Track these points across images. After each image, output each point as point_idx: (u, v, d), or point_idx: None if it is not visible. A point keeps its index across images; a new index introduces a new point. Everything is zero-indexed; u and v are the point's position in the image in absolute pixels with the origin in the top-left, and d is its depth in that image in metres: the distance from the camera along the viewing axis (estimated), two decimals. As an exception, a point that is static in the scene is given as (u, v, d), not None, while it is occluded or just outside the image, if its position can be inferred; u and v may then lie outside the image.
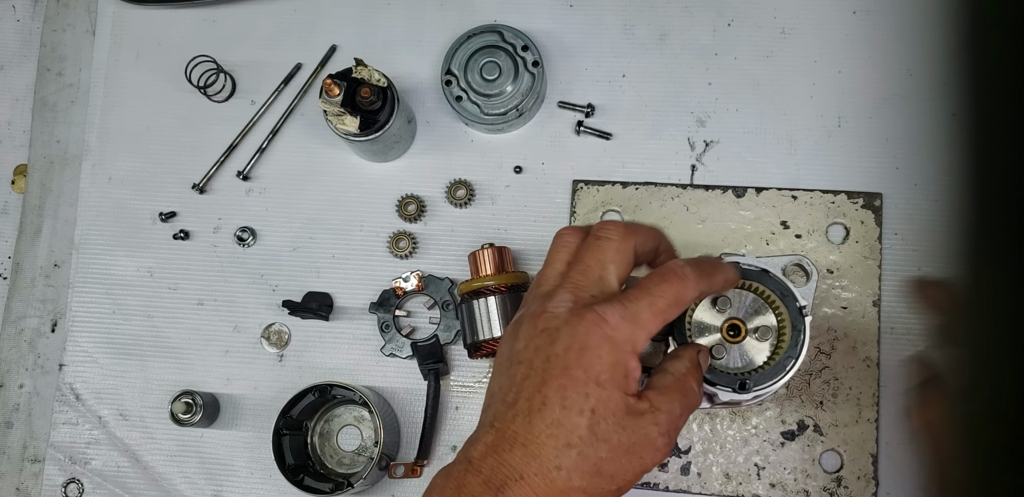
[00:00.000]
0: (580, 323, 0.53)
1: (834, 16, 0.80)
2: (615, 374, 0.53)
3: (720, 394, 0.62)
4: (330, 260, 0.81)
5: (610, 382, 0.53)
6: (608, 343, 0.53)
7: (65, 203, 0.84)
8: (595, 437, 0.52)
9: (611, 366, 0.53)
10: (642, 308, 0.54)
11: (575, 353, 0.53)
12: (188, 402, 0.76)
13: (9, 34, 0.89)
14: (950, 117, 0.43)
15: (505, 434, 0.53)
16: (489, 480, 0.52)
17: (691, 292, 0.56)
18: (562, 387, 0.52)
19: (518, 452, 0.52)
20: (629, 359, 0.54)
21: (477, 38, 0.79)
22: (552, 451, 0.51)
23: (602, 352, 0.53)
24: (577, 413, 0.52)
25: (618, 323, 0.53)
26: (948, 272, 0.82)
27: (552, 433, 0.52)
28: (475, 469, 0.52)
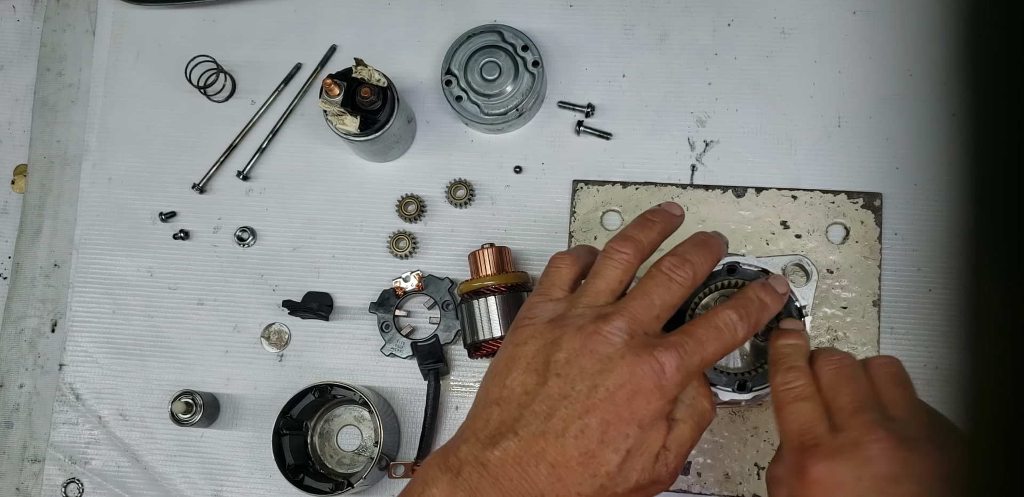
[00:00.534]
0: (638, 364, 0.53)
1: (834, 16, 0.80)
2: (656, 421, 0.54)
3: (720, 394, 0.62)
4: (330, 260, 0.81)
5: (651, 427, 0.53)
6: (660, 392, 0.53)
7: (65, 203, 0.84)
8: (621, 474, 0.53)
9: (656, 413, 0.53)
10: (695, 362, 0.54)
11: (626, 393, 0.52)
12: (188, 402, 0.76)
13: (9, 34, 0.89)
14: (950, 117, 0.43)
15: (532, 448, 0.52)
16: (506, 491, 0.52)
17: (739, 344, 0.57)
18: (605, 423, 0.52)
19: (544, 471, 0.52)
20: (670, 405, 0.55)
21: (477, 38, 0.79)
22: (578, 477, 0.52)
23: (652, 399, 0.53)
24: (612, 451, 0.52)
25: (673, 374, 0.53)
26: (948, 272, 0.82)
27: (584, 462, 0.52)
28: (492, 476, 0.52)
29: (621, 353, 0.53)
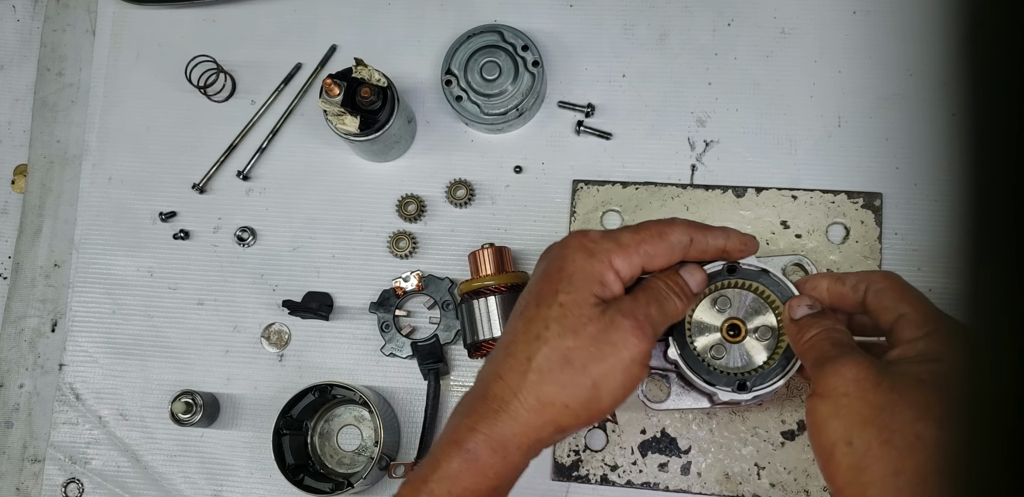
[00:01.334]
0: (564, 241, 0.58)
1: (834, 16, 0.80)
2: (588, 277, 0.55)
3: (720, 394, 0.62)
4: (330, 260, 0.81)
5: (582, 282, 0.55)
6: (584, 251, 0.56)
7: (65, 203, 0.84)
8: (562, 327, 0.54)
9: (584, 269, 0.56)
10: (624, 233, 0.57)
11: (556, 262, 0.57)
12: (188, 402, 0.76)
13: (9, 34, 0.89)
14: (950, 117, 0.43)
15: (496, 348, 0.58)
16: (476, 388, 0.57)
17: (677, 233, 0.58)
18: (539, 291, 0.57)
19: (500, 354, 0.56)
20: (605, 270, 0.56)
21: (477, 38, 0.79)
22: (523, 346, 0.55)
23: (577, 257, 0.56)
24: (546, 306, 0.55)
25: (597, 237, 0.57)
26: (948, 272, 0.82)
27: (525, 329, 0.55)
28: (477, 380, 0.58)
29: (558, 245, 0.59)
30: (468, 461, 0.54)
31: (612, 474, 0.74)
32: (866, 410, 0.50)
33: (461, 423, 0.55)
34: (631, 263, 0.57)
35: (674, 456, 0.73)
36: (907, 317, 0.55)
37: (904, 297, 0.56)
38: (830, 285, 0.59)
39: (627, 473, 0.74)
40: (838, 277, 0.59)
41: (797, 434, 0.73)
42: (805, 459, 0.72)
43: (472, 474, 0.54)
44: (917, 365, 0.52)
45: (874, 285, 0.57)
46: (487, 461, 0.54)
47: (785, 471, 0.72)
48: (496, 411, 0.54)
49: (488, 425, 0.54)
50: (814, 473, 0.72)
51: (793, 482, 0.72)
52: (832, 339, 0.55)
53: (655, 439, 0.74)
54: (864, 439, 0.49)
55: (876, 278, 0.57)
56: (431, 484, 0.54)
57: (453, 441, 0.55)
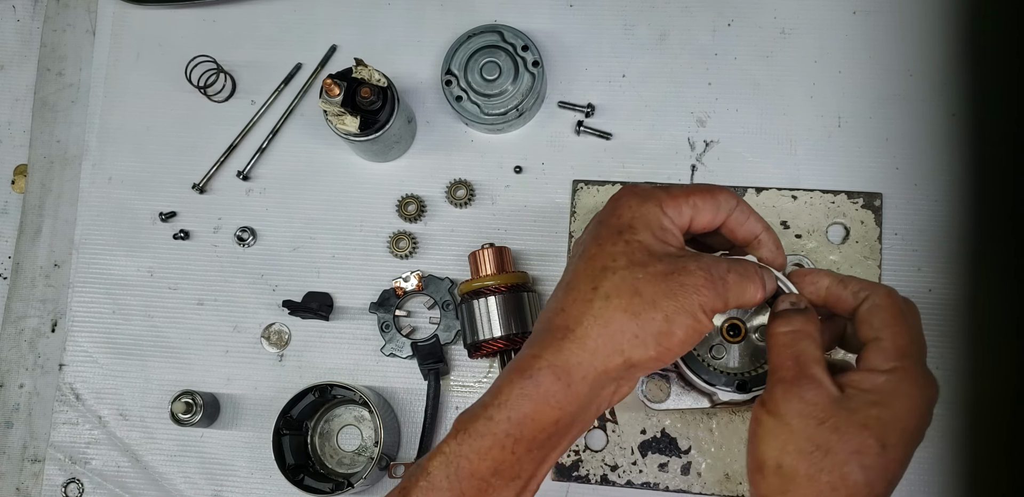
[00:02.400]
0: (617, 195, 0.57)
1: (834, 16, 0.80)
2: (646, 219, 0.55)
3: (720, 394, 0.62)
4: (330, 260, 0.81)
5: (641, 224, 0.54)
6: (637, 197, 0.55)
7: (65, 203, 0.84)
8: (630, 262, 0.53)
9: (641, 213, 0.55)
10: (674, 187, 0.57)
11: (608, 210, 0.56)
12: (188, 402, 0.76)
13: (9, 34, 0.89)
14: (950, 117, 0.43)
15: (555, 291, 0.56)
16: (537, 326, 0.55)
17: (725, 194, 0.57)
18: (597, 236, 0.55)
19: (560, 291, 0.55)
20: (659, 214, 0.55)
21: (477, 38, 0.79)
22: (587, 278, 0.53)
23: (632, 203, 0.55)
24: (610, 244, 0.54)
25: (648, 187, 0.56)
26: (948, 272, 0.82)
27: (587, 265, 0.54)
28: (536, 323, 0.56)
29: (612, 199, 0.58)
30: (530, 386, 0.51)
31: (612, 474, 0.74)
32: (804, 443, 0.51)
33: (524, 353, 0.53)
34: (681, 212, 0.56)
35: (674, 456, 0.73)
36: (882, 344, 0.53)
37: (894, 321, 0.54)
38: (831, 284, 0.58)
39: (627, 473, 0.74)
40: (841, 279, 0.57)
41: (797, 434, 0.72)
42: (805, 459, 0.72)
43: (533, 401, 0.51)
44: (866, 407, 0.51)
45: (874, 297, 0.55)
46: (549, 388, 0.51)
47: (785, 471, 0.72)
48: (560, 339, 0.52)
49: (552, 352, 0.52)
50: (814, 473, 0.72)
51: (793, 482, 0.72)
52: (797, 350, 0.54)
53: (655, 439, 0.74)
54: (793, 467, 0.51)
55: (880, 292, 0.56)
56: (490, 410, 0.52)
57: (515, 369, 0.52)
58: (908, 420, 0.51)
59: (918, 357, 0.53)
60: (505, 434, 0.51)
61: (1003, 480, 0.71)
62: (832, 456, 0.50)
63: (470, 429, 0.52)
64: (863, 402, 0.51)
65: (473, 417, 0.52)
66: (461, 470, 0.51)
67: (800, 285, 0.59)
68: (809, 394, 0.52)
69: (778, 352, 0.54)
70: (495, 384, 0.53)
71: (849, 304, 0.56)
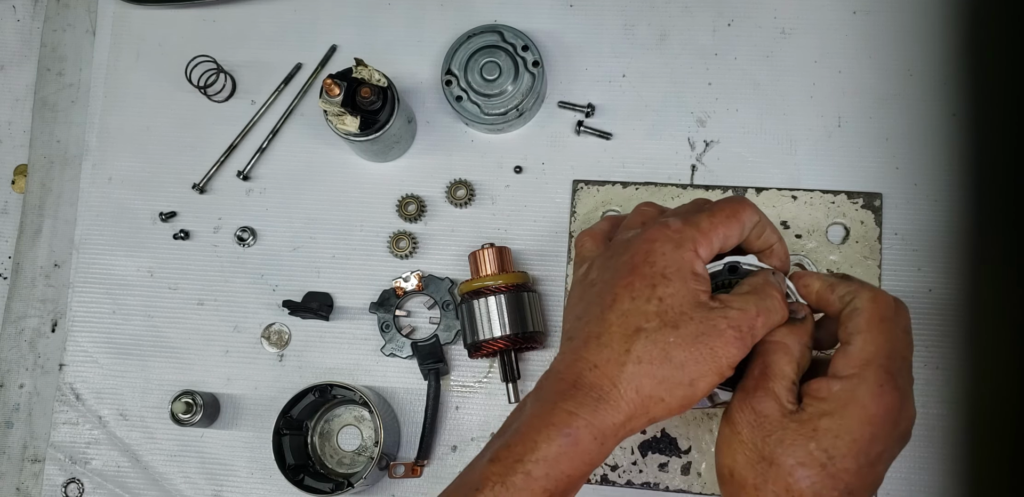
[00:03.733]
0: (644, 234, 0.57)
1: (834, 16, 0.80)
2: (681, 269, 0.55)
3: (720, 394, 0.62)
4: (330, 260, 0.81)
5: (676, 275, 0.54)
6: (671, 242, 0.55)
7: (65, 203, 0.84)
8: (663, 323, 0.53)
9: (676, 262, 0.55)
10: (702, 218, 0.56)
11: (641, 255, 0.55)
12: (188, 402, 0.76)
13: (9, 34, 0.89)
14: (950, 117, 0.43)
15: (580, 336, 0.55)
16: (564, 376, 0.54)
17: (748, 212, 0.58)
18: (630, 284, 0.55)
19: (592, 345, 0.54)
20: (694, 259, 0.55)
21: (477, 38, 0.79)
22: (621, 338, 0.53)
23: (666, 249, 0.55)
24: (644, 301, 0.54)
25: (680, 227, 0.56)
26: (948, 272, 0.82)
27: (622, 322, 0.54)
28: (554, 372, 0.56)
29: (636, 235, 0.57)
30: (569, 445, 0.52)
31: (612, 474, 0.74)
32: (751, 454, 0.53)
33: (557, 406, 0.53)
34: (711, 249, 0.56)
35: (674, 456, 0.73)
36: (848, 349, 0.54)
37: (867, 327, 0.54)
38: (820, 289, 0.58)
39: (627, 473, 0.74)
40: (831, 283, 0.57)
41: (797, 434, 0.72)
42: (805, 459, 0.72)
43: (571, 458, 0.52)
44: (815, 418, 0.52)
45: (856, 301, 0.55)
46: (587, 447, 0.52)
47: (785, 471, 0.72)
48: (596, 400, 0.53)
49: (589, 412, 0.52)
50: (814, 473, 0.72)
51: (793, 482, 0.72)
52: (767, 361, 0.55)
53: (655, 439, 0.74)
54: (743, 476, 0.53)
55: (864, 296, 0.55)
56: (528, 465, 0.52)
57: (551, 424, 0.53)
58: (859, 430, 0.51)
59: (886, 364, 0.53)
60: (542, 489, 0.52)
61: (1004, 480, 0.71)
62: (776, 468, 0.52)
63: (507, 483, 0.52)
64: (814, 412, 0.52)
65: (510, 469, 0.52)
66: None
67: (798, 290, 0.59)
68: (761, 406, 0.53)
69: (752, 360, 0.56)
70: (526, 432, 0.53)
71: (836, 308, 0.57)
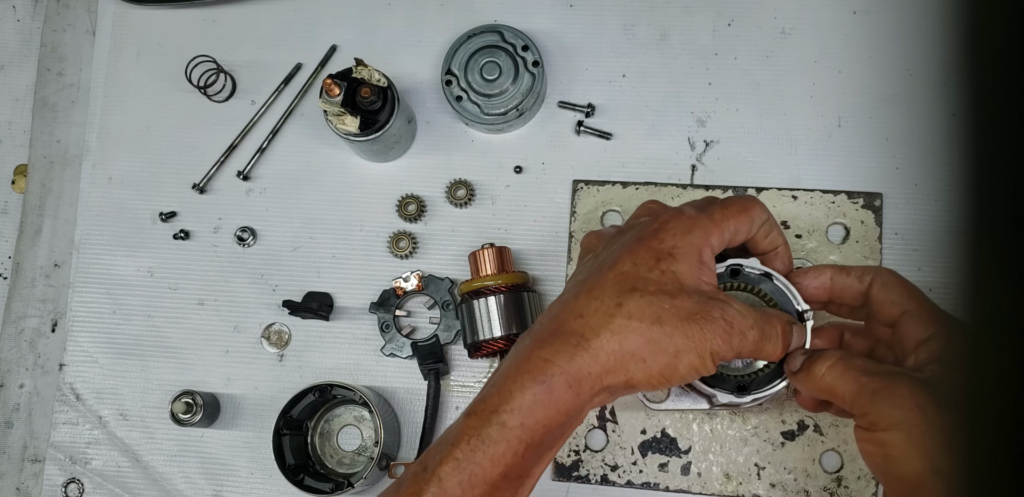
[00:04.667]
0: (656, 217, 0.56)
1: (834, 16, 0.80)
2: (689, 253, 0.54)
3: (719, 396, 0.62)
4: (330, 260, 0.81)
5: (683, 257, 0.53)
6: (683, 225, 0.54)
7: (65, 203, 0.84)
8: (660, 290, 0.52)
9: (686, 244, 0.54)
10: (715, 209, 0.56)
11: (650, 232, 0.55)
12: (188, 402, 0.76)
13: (9, 34, 0.89)
14: (950, 117, 0.43)
15: (571, 291, 0.54)
16: (547, 325, 0.53)
17: (758, 209, 0.57)
18: (634, 251, 0.54)
19: (582, 298, 0.53)
20: (704, 246, 0.54)
21: (477, 38, 0.79)
22: (615, 292, 0.52)
23: (677, 231, 0.54)
24: (647, 269, 0.53)
25: (693, 214, 0.55)
26: (948, 272, 0.81)
27: (619, 279, 0.53)
28: (537, 323, 0.55)
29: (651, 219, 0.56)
30: (543, 393, 0.51)
31: (612, 474, 0.74)
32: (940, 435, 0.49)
33: (534, 354, 0.52)
34: (722, 239, 0.56)
35: (674, 456, 0.73)
36: (913, 313, 0.55)
37: (910, 294, 0.57)
38: (834, 275, 0.59)
39: (627, 473, 0.74)
40: (842, 268, 0.59)
41: (797, 434, 0.73)
42: (805, 459, 0.72)
43: (545, 407, 0.51)
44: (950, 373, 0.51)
45: (880, 278, 0.57)
46: (561, 395, 0.51)
47: (785, 471, 0.72)
48: (575, 346, 0.52)
49: (565, 359, 0.51)
50: (814, 473, 0.72)
51: (793, 482, 0.72)
52: (858, 368, 0.54)
53: (655, 439, 0.74)
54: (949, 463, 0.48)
55: (883, 272, 0.58)
56: (503, 415, 0.51)
57: (526, 371, 0.52)
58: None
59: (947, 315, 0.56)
60: (518, 440, 0.51)
61: (1005, 480, 0.71)
62: None
63: (483, 435, 0.51)
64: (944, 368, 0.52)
65: (484, 421, 0.51)
66: (474, 477, 0.51)
67: (804, 283, 0.60)
68: (908, 391, 0.51)
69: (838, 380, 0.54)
70: (501, 383, 0.52)
71: (856, 290, 0.58)
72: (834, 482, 0.72)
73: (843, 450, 0.72)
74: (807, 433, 0.72)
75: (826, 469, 0.72)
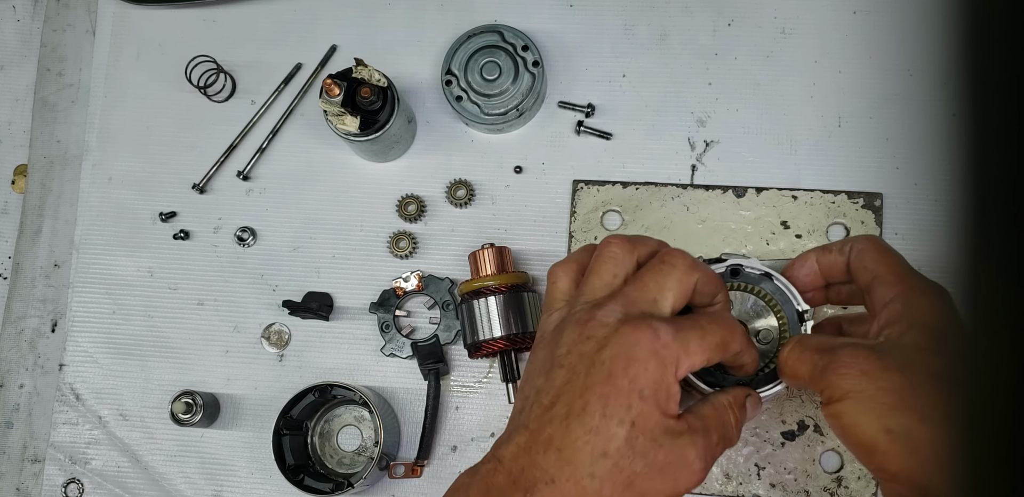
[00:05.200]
0: (631, 333, 0.52)
1: (834, 16, 0.80)
2: (658, 391, 0.52)
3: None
4: (330, 260, 0.81)
5: (652, 398, 0.51)
6: (656, 358, 0.52)
7: (65, 203, 0.84)
8: (632, 450, 0.51)
9: (655, 382, 0.52)
10: (692, 337, 0.53)
11: (622, 362, 0.51)
12: (188, 402, 0.76)
13: (9, 34, 0.89)
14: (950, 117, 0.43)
15: (540, 436, 0.52)
16: (518, 480, 0.51)
17: (736, 343, 0.56)
18: (604, 396, 0.51)
19: (552, 456, 0.51)
20: (672, 381, 0.52)
21: (477, 38, 0.79)
22: (587, 458, 0.50)
23: (649, 366, 0.51)
24: (617, 423, 0.51)
25: (669, 342, 0.52)
26: (948, 272, 0.82)
27: (589, 440, 0.51)
28: (505, 469, 0.52)
29: (616, 328, 0.53)
30: None
31: (612, 474, 0.74)
32: (888, 397, 0.50)
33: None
34: (692, 369, 0.54)
35: (674, 456, 0.73)
36: (880, 278, 0.56)
37: (881, 258, 0.56)
38: (819, 256, 0.60)
39: None
40: (824, 247, 0.60)
41: (797, 434, 0.73)
42: (805, 459, 0.72)
43: None
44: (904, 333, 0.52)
45: (856, 246, 0.58)
46: None
47: (785, 471, 0.72)
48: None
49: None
50: (814, 473, 0.72)
51: (793, 482, 0.72)
52: (811, 347, 0.55)
53: (655, 439, 0.74)
54: (900, 423, 0.49)
55: (859, 239, 0.58)
56: None
57: None
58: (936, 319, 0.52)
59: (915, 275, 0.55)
60: None
61: (1006, 481, 0.71)
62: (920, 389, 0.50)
63: None
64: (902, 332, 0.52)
65: None
66: None
67: (795, 274, 0.60)
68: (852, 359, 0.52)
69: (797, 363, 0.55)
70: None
71: (840, 264, 0.58)
72: (834, 482, 0.72)
73: (843, 450, 0.72)
74: (807, 433, 0.72)
75: (826, 469, 0.72)
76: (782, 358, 0.57)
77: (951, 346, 0.51)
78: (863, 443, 0.51)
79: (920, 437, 0.49)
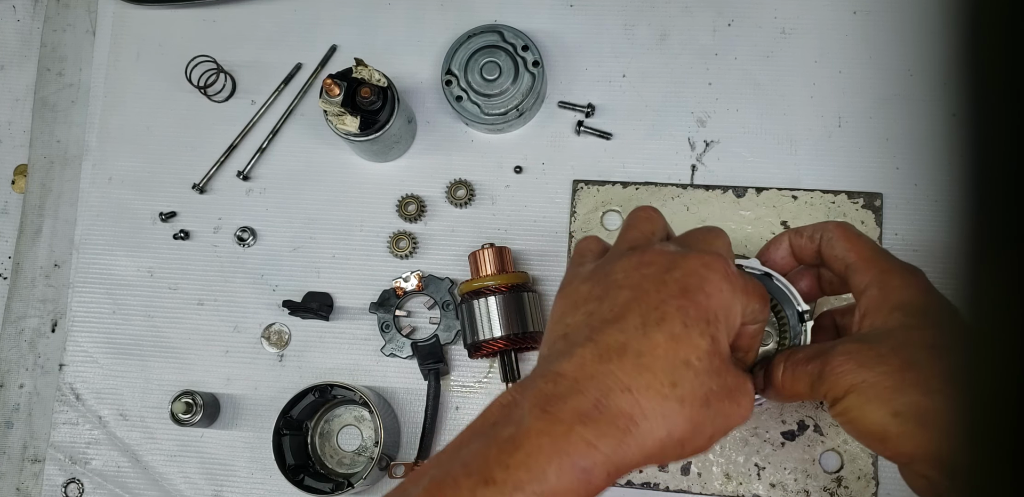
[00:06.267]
0: (701, 257, 0.50)
1: (834, 16, 0.80)
2: (729, 316, 0.49)
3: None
4: (330, 260, 0.81)
5: (724, 322, 0.49)
6: (728, 283, 0.49)
7: (65, 203, 0.84)
8: (711, 365, 0.47)
9: (727, 307, 0.49)
10: (749, 282, 0.52)
11: (696, 280, 0.48)
12: (188, 402, 0.76)
13: (9, 34, 0.89)
14: (950, 117, 0.43)
15: (611, 345, 0.47)
16: (586, 390, 0.45)
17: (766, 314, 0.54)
18: (683, 308, 0.47)
19: (628, 362, 0.46)
20: (739, 312, 0.50)
21: (477, 38, 0.79)
22: (669, 365, 0.46)
23: (723, 288, 0.49)
24: (698, 334, 0.47)
25: (736, 274, 0.50)
26: (948, 272, 0.82)
27: (672, 347, 0.46)
28: (568, 380, 0.46)
29: (683, 254, 0.50)
30: (582, 482, 0.44)
31: (612, 474, 0.74)
32: (890, 380, 0.49)
33: (575, 431, 0.44)
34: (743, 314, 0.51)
35: (674, 456, 0.73)
36: (853, 265, 0.56)
37: (851, 245, 0.56)
38: (791, 238, 0.60)
39: (627, 473, 0.73)
40: (796, 230, 0.60)
41: (797, 434, 0.73)
42: (805, 459, 0.72)
43: (577, 495, 0.45)
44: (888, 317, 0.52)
45: (827, 234, 0.57)
46: (598, 485, 0.45)
47: (785, 471, 0.72)
48: (623, 432, 0.45)
49: (612, 446, 0.45)
50: (814, 473, 0.72)
51: (793, 482, 0.72)
52: (800, 361, 0.54)
53: (655, 439, 0.74)
54: (907, 401, 0.49)
55: (829, 227, 0.58)
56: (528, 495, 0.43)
57: (565, 452, 0.44)
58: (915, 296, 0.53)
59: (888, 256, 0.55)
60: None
61: (1006, 481, 0.71)
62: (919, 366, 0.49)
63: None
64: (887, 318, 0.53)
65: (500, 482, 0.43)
66: None
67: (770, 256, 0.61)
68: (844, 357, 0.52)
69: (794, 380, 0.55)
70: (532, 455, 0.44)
71: (810, 249, 0.58)
72: (834, 482, 0.72)
73: (843, 450, 0.72)
74: (807, 433, 0.72)
75: (826, 469, 0.72)
76: (777, 382, 0.55)
77: (937, 318, 0.51)
78: (874, 432, 0.50)
79: (929, 410, 0.48)
